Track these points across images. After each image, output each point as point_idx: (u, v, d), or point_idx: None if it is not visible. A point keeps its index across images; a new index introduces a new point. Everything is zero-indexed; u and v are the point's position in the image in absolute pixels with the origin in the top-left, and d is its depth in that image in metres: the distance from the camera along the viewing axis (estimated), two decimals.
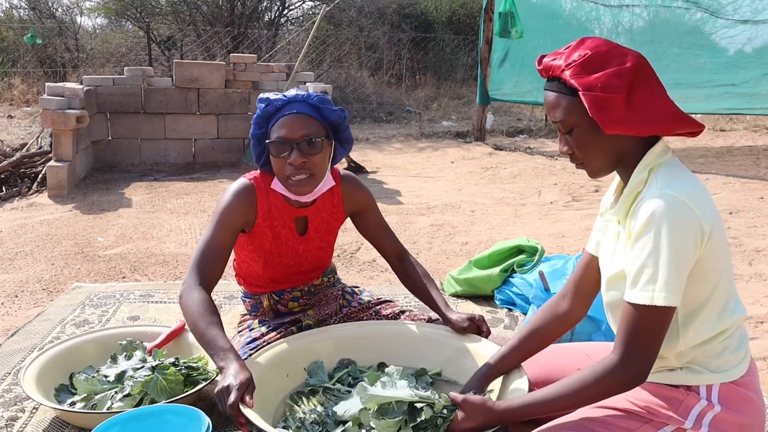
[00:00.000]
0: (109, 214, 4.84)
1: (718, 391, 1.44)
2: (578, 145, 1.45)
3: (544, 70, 1.48)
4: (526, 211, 5.02)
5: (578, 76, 1.39)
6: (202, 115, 6.87)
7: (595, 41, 1.43)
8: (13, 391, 2.09)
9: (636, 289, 1.36)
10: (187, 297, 1.81)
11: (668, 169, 1.42)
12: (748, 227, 4.43)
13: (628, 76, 1.38)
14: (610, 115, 1.36)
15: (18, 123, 8.82)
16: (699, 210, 1.35)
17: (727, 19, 7.80)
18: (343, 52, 12.49)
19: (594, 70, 1.39)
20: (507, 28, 7.62)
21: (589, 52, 1.40)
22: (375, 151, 8.11)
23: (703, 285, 1.41)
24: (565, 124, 1.45)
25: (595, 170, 1.49)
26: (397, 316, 2.23)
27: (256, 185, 2.01)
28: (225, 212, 1.95)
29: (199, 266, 1.88)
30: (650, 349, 1.37)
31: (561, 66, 1.42)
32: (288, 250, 2.10)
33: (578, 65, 1.40)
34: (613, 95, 1.36)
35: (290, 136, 1.88)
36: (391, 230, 2.27)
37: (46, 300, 3.10)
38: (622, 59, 1.40)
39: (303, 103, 1.93)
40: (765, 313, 2.92)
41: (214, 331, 1.71)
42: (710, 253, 1.38)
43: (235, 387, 1.54)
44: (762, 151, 8.05)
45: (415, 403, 1.57)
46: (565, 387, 1.44)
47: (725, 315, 1.44)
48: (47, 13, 13.38)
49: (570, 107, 1.42)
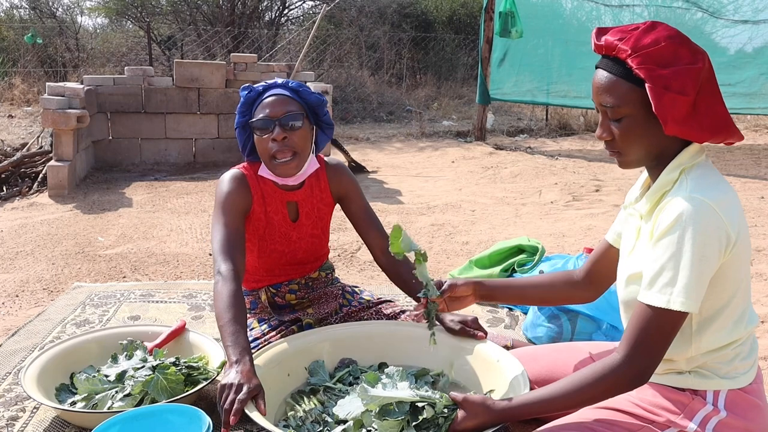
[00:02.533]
0: (110, 214, 4.84)
1: (725, 397, 1.43)
2: (624, 135, 1.37)
3: (606, 47, 1.36)
4: (527, 211, 5.02)
5: (648, 66, 1.29)
6: (203, 114, 6.87)
7: (668, 30, 1.34)
8: (13, 390, 2.09)
9: (653, 291, 1.33)
10: (223, 285, 1.83)
11: (700, 171, 1.38)
12: (748, 227, 4.43)
13: (700, 77, 1.31)
14: (675, 115, 1.29)
15: (18, 123, 8.82)
16: (726, 217, 1.31)
17: (728, 19, 7.79)
18: (344, 51, 12.49)
19: (666, 64, 1.30)
20: (507, 28, 7.62)
21: (663, 42, 1.31)
22: (375, 151, 8.11)
23: (722, 292, 1.38)
24: (617, 111, 1.36)
25: (630, 162, 1.43)
26: (397, 315, 2.24)
27: (247, 173, 2.10)
28: (228, 198, 2.02)
29: (228, 253, 1.91)
30: (656, 351, 1.35)
31: (627, 50, 1.32)
32: (281, 236, 2.14)
33: (649, 54, 1.30)
34: (683, 96, 1.29)
35: (272, 114, 1.98)
36: (379, 223, 2.27)
37: (46, 300, 3.10)
38: (694, 57, 1.32)
39: (282, 87, 2.05)
40: (765, 313, 2.92)
41: (237, 327, 1.73)
42: (734, 261, 1.35)
43: (246, 389, 1.54)
44: (762, 151, 8.05)
45: (416, 403, 1.58)
46: (566, 386, 1.43)
47: (740, 324, 1.42)
48: (48, 12, 13.38)
49: (628, 95, 1.34)
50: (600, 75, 1.38)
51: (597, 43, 1.39)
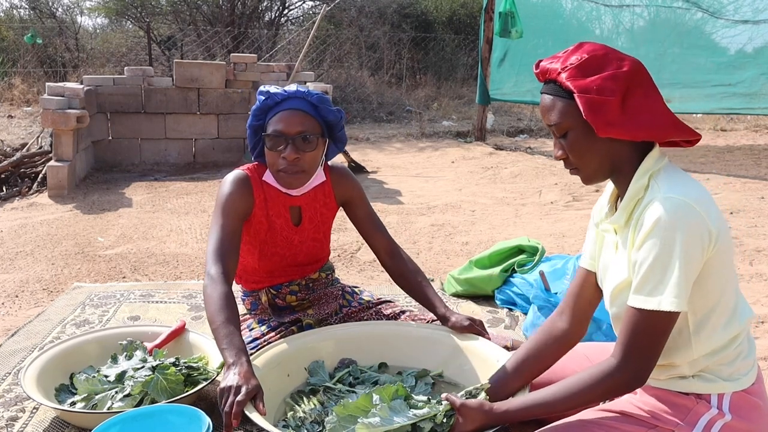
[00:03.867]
0: (110, 214, 4.84)
1: (729, 400, 1.42)
2: (572, 149, 1.44)
3: (541, 73, 1.47)
4: (527, 211, 5.02)
5: (574, 79, 1.38)
6: (203, 114, 6.87)
7: (593, 46, 1.42)
8: (13, 391, 2.09)
9: (642, 294, 1.34)
10: (213, 288, 1.81)
11: (668, 173, 1.41)
12: (748, 227, 4.43)
13: (624, 79, 1.37)
14: (604, 118, 1.36)
15: (18, 123, 8.82)
16: (706, 213, 1.33)
17: (728, 19, 7.79)
18: (344, 51, 12.49)
19: (590, 73, 1.38)
20: (507, 28, 7.62)
21: (586, 56, 1.39)
22: (375, 151, 8.11)
23: (712, 289, 1.39)
24: (559, 127, 1.43)
25: (589, 176, 1.48)
26: (397, 316, 2.23)
27: (251, 175, 2.06)
28: (228, 200, 1.99)
29: (219, 255, 1.89)
30: (650, 353, 1.36)
31: (558, 69, 1.41)
32: (283, 240, 2.12)
33: (575, 68, 1.39)
34: (608, 98, 1.35)
35: (287, 130, 1.92)
36: (383, 226, 2.27)
37: (46, 300, 3.10)
38: (619, 63, 1.39)
39: (302, 100, 1.97)
40: (765, 313, 2.92)
41: (231, 328, 1.72)
42: (718, 256, 1.36)
43: (245, 390, 1.54)
44: (762, 151, 8.05)
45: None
46: (563, 389, 1.44)
47: (735, 318, 1.43)
48: (47, 12, 13.38)
49: (565, 110, 1.42)
50: (543, 99, 1.47)
51: (535, 72, 1.48)
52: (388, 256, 2.23)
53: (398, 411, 1.55)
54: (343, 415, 1.53)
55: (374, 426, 1.49)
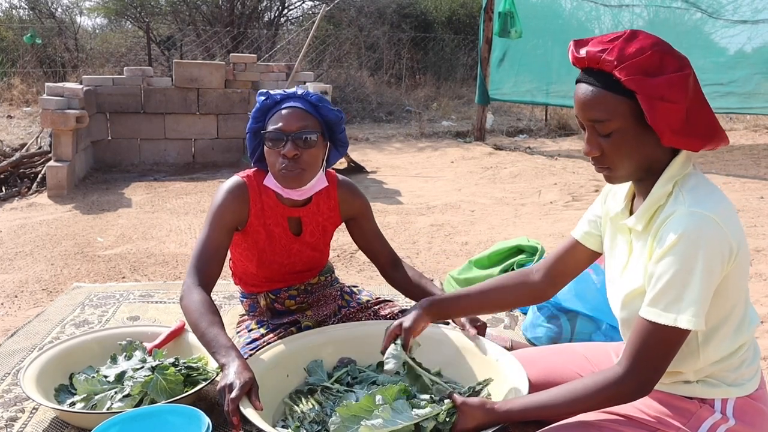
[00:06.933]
0: (109, 214, 4.84)
1: (733, 405, 1.41)
2: (616, 150, 1.32)
3: (589, 59, 1.30)
4: (526, 211, 5.02)
5: (637, 77, 1.25)
6: (202, 115, 6.87)
7: (651, 38, 1.29)
8: (12, 391, 2.09)
9: (658, 308, 1.30)
10: (188, 298, 1.83)
11: (693, 182, 1.35)
12: (748, 227, 4.43)
13: (690, 84, 1.27)
14: (671, 125, 1.25)
15: (18, 123, 8.81)
16: (727, 228, 1.28)
17: (727, 20, 7.79)
18: (343, 51, 12.49)
19: (655, 73, 1.25)
20: (507, 28, 7.63)
21: (648, 51, 1.26)
22: (375, 151, 8.11)
23: (726, 302, 1.36)
24: (607, 125, 1.30)
25: (621, 177, 1.38)
26: (396, 316, 2.23)
27: (249, 183, 2.04)
28: (218, 211, 1.98)
29: (197, 267, 1.91)
30: (658, 366, 1.33)
31: (613, 61, 1.26)
32: (282, 249, 2.11)
33: (636, 64, 1.25)
34: (676, 104, 1.25)
35: (286, 128, 1.92)
36: (384, 238, 2.28)
37: (45, 300, 3.10)
38: (681, 63, 1.28)
39: (301, 100, 1.98)
40: (765, 313, 2.92)
41: (215, 330, 1.72)
42: (736, 271, 1.32)
43: (238, 385, 1.54)
44: (762, 151, 8.05)
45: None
46: (566, 393, 1.42)
47: (742, 328, 1.41)
48: (47, 13, 13.38)
49: (618, 108, 1.29)
50: (584, 89, 1.32)
51: (577, 56, 1.33)
52: (393, 266, 2.25)
53: (401, 411, 1.55)
54: (346, 416, 1.53)
55: (377, 428, 1.49)
